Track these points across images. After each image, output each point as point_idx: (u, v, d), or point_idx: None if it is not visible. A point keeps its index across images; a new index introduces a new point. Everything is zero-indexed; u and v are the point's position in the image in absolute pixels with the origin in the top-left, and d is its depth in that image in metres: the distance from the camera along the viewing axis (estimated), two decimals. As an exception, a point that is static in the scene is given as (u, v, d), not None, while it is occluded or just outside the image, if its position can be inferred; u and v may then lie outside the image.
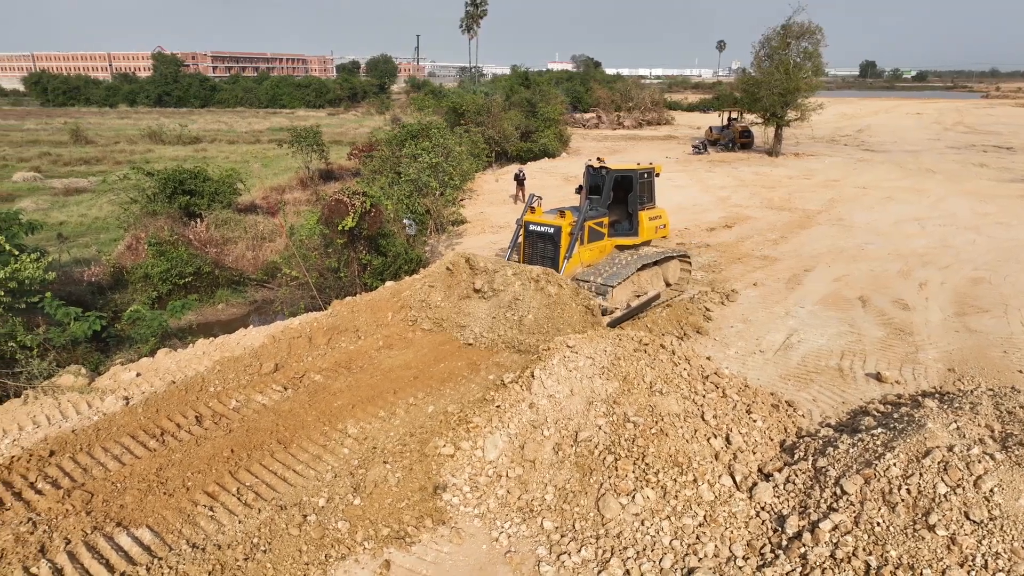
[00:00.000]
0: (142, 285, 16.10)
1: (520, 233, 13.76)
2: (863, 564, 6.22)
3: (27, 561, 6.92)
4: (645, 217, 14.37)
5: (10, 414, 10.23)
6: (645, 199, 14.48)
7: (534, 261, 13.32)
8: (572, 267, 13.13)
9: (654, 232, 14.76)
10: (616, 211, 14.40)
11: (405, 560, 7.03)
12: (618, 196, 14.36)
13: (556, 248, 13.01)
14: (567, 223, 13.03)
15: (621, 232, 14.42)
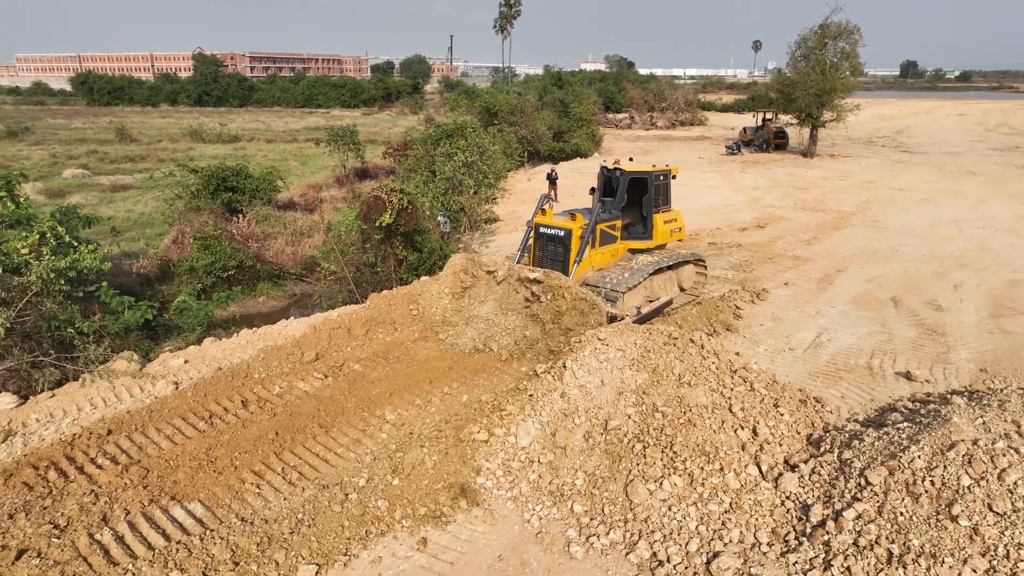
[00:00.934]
0: (187, 277, 16.74)
1: (530, 235, 13.58)
2: (885, 552, 6.39)
3: (91, 529, 7.42)
4: (660, 220, 14.15)
5: (69, 396, 10.83)
6: (660, 202, 14.23)
7: (544, 264, 13.10)
8: (582, 271, 12.97)
9: (669, 235, 14.53)
10: (630, 214, 14.20)
11: (441, 538, 7.38)
12: (632, 198, 14.11)
13: (566, 251, 12.79)
14: (578, 226, 12.82)
15: (635, 235, 14.22)
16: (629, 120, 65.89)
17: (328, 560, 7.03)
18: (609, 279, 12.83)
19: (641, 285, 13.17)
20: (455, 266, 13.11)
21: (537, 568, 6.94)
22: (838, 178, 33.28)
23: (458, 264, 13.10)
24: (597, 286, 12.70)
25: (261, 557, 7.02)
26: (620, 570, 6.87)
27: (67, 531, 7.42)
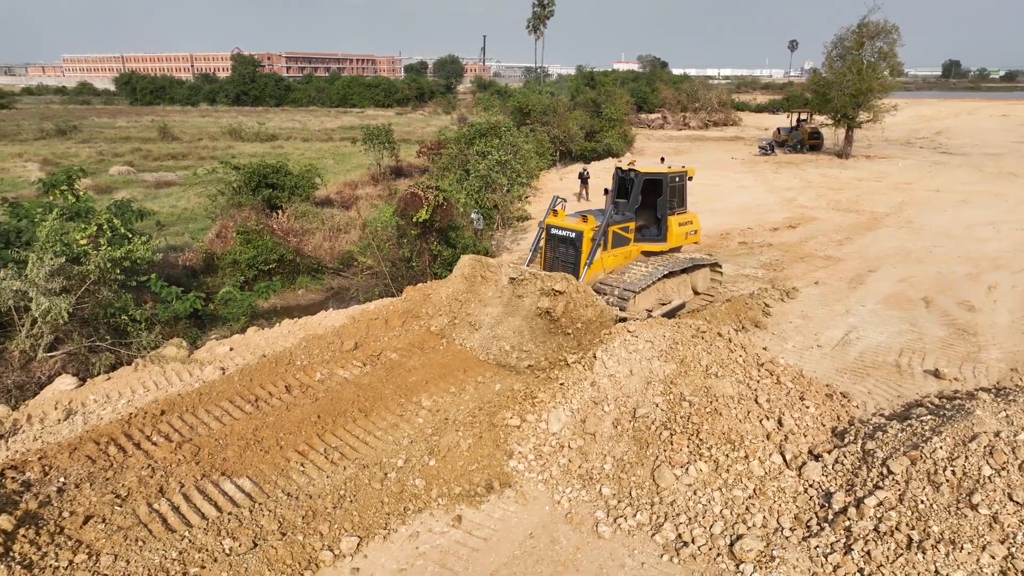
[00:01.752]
0: (231, 270, 17.38)
1: (542, 236, 13.48)
2: (905, 537, 6.59)
3: (150, 499, 7.95)
4: (674, 222, 14.00)
5: (124, 379, 11.44)
6: (675, 204, 14.07)
7: (555, 265, 13.03)
8: (593, 273, 12.88)
9: (684, 238, 14.34)
10: (644, 215, 14.04)
11: (474, 516, 7.76)
12: (647, 200, 13.93)
13: (577, 253, 12.68)
14: (589, 228, 12.71)
15: (649, 237, 14.07)
16: (662, 120, 65.71)
17: (369, 533, 7.46)
18: (620, 281, 12.74)
19: (653, 288, 13.10)
20: (463, 268, 12.99)
21: (566, 546, 7.27)
22: (873, 179, 32.95)
23: (466, 266, 12.97)
24: (608, 288, 12.66)
25: (306, 528, 7.47)
26: (646, 550, 7.18)
27: (128, 500, 7.96)
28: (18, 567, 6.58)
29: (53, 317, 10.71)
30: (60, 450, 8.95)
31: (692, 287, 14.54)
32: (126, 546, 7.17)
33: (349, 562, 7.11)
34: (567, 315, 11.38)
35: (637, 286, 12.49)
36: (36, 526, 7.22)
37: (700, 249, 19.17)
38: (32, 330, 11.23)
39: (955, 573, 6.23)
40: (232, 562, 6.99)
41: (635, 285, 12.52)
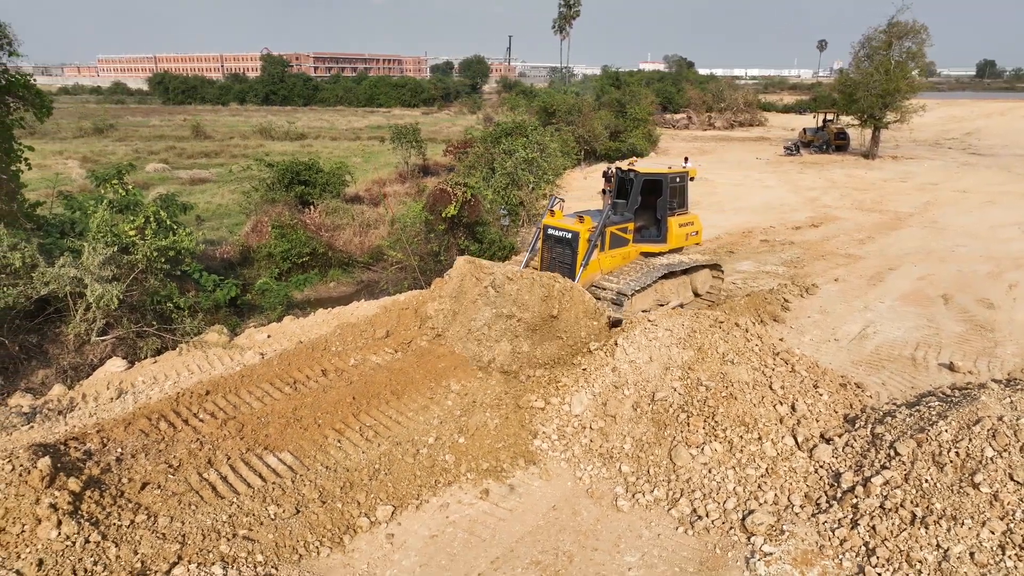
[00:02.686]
0: (266, 263, 18.09)
1: (539, 237, 13.37)
2: (909, 514, 6.97)
3: (200, 469, 8.57)
4: (675, 223, 13.85)
5: (169, 362, 12.13)
6: (676, 204, 13.93)
7: (552, 266, 12.94)
8: (589, 274, 12.79)
9: (684, 239, 14.20)
10: (644, 216, 13.95)
11: (501, 490, 8.26)
12: (647, 201, 13.78)
13: (573, 253, 12.58)
14: (585, 228, 12.58)
15: (648, 238, 13.94)
16: (687, 120, 65.73)
17: (402, 503, 8.00)
18: (616, 283, 12.66)
19: (651, 289, 13.02)
20: (458, 269, 12.73)
21: (587, 518, 7.74)
22: (899, 180, 32.89)
23: (464, 268, 12.68)
24: (604, 289, 12.58)
25: (344, 497, 8.03)
26: (662, 523, 7.62)
27: (180, 470, 8.58)
28: (87, 524, 7.21)
29: (106, 302, 11.41)
30: (116, 424, 9.62)
31: (692, 288, 14.49)
32: (180, 509, 7.79)
33: (384, 528, 7.66)
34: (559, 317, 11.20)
35: (632, 288, 12.41)
36: (100, 489, 7.86)
37: (721, 247, 19.55)
38: (86, 315, 11.95)
39: (955, 547, 6.60)
40: (277, 525, 7.58)
41: (630, 287, 12.44)
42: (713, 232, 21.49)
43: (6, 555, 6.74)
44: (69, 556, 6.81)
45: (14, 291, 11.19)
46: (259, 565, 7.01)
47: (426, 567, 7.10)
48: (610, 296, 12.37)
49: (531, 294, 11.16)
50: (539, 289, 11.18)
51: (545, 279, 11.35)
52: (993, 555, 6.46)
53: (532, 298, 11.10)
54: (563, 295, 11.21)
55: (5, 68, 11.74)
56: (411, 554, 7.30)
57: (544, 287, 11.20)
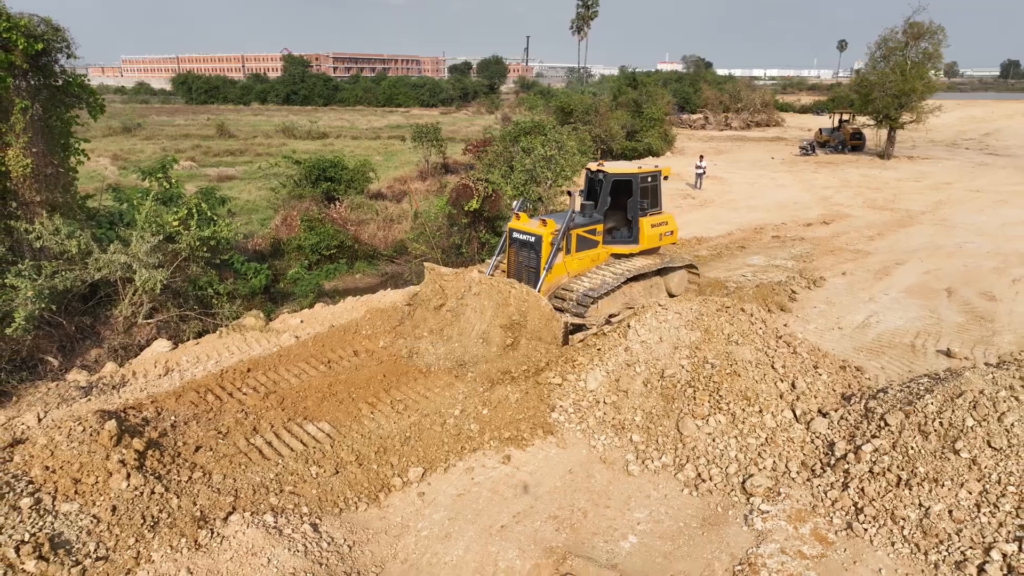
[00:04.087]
0: (296, 254, 18.96)
1: (506, 240, 13.16)
2: (895, 477, 7.63)
3: (247, 435, 9.41)
4: (647, 224, 13.55)
5: (210, 344, 13.02)
6: (647, 205, 13.61)
7: (519, 269, 12.82)
8: (555, 278, 12.58)
9: (658, 240, 13.89)
10: (615, 217, 13.75)
11: (521, 456, 9.01)
12: (619, 202, 13.60)
13: (538, 257, 12.37)
14: (548, 232, 12.31)
15: (619, 240, 13.66)
16: (703, 121, 66.07)
17: (432, 466, 8.77)
18: (580, 286, 12.43)
19: (620, 291, 12.76)
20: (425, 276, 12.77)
21: (600, 480, 8.48)
22: (913, 179, 33.21)
23: (427, 275, 12.76)
24: (567, 293, 12.38)
25: (379, 460, 8.83)
26: (669, 485, 8.34)
27: (228, 436, 9.43)
28: (151, 477, 8.05)
29: (151, 286, 12.30)
30: (167, 396, 10.50)
31: (667, 290, 14.14)
32: (232, 468, 8.62)
33: (415, 487, 8.44)
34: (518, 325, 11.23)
35: (596, 292, 12.19)
36: (159, 450, 8.71)
37: (733, 242, 20.16)
38: (134, 299, 12.85)
39: (936, 506, 7.26)
40: (320, 483, 8.38)
41: (594, 292, 12.21)
42: (725, 228, 22.13)
43: (84, 502, 7.59)
44: (138, 504, 7.65)
45: (71, 275, 12.11)
46: (304, 516, 7.80)
47: (454, 520, 7.86)
48: (574, 300, 12.16)
49: (489, 299, 11.37)
50: (496, 295, 11.34)
51: (502, 286, 11.45)
52: (969, 512, 7.12)
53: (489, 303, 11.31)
54: (522, 301, 11.18)
55: (63, 69, 12.66)
56: (440, 509, 8.06)
57: (501, 293, 11.30)
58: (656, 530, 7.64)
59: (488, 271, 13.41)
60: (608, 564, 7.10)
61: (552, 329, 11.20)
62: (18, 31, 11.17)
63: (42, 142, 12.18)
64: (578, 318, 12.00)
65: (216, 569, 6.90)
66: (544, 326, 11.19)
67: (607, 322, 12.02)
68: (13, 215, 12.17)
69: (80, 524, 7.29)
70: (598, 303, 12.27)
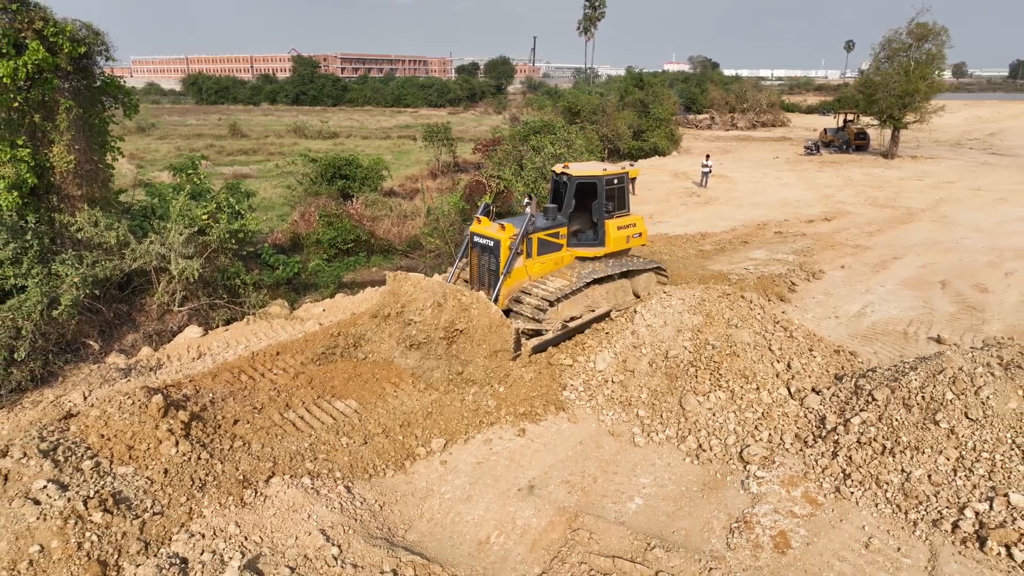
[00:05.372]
0: (314, 248, 19.71)
1: (468, 245, 13.08)
2: (880, 446, 8.30)
3: (280, 410, 10.15)
4: (612, 226, 13.35)
5: (239, 330, 13.77)
6: (613, 207, 13.41)
7: (481, 273, 12.73)
8: (515, 282, 12.46)
9: (625, 242, 13.72)
10: (581, 219, 13.68)
11: (535, 430, 9.72)
12: (584, 204, 13.48)
13: (498, 262, 12.27)
14: (507, 236, 12.18)
15: (585, 242, 13.48)
16: (710, 121, 66.64)
17: (452, 437, 9.50)
18: (539, 291, 12.26)
19: (582, 295, 12.67)
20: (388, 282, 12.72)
21: (608, 450, 9.18)
22: (915, 178, 33.75)
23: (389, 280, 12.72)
24: (526, 297, 12.25)
25: (404, 432, 9.56)
26: (672, 455, 9.04)
27: (263, 411, 10.18)
28: (197, 445, 8.80)
29: (187, 274, 13.05)
30: (204, 376, 11.26)
31: (634, 292, 14.05)
32: (269, 438, 9.37)
33: (438, 456, 9.17)
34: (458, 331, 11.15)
35: (552, 297, 12.04)
36: (202, 422, 9.46)
37: (736, 238, 20.81)
38: (168, 287, 13.61)
39: (916, 471, 7.93)
40: (350, 452, 9.12)
41: (551, 296, 12.05)
42: (729, 224, 22.79)
43: (138, 466, 8.35)
44: (186, 468, 8.40)
45: (109, 264, 12.87)
46: (338, 480, 8.54)
47: (475, 484, 8.58)
48: (532, 304, 12.05)
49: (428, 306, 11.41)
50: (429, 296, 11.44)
51: (435, 287, 11.59)
52: (947, 476, 7.79)
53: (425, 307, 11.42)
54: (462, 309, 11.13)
55: (102, 71, 13.43)
56: (461, 475, 8.78)
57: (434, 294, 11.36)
58: (660, 493, 8.34)
59: (449, 276, 13.49)
60: (617, 521, 7.80)
61: (501, 335, 11.01)
62: (64, 36, 11.94)
63: (83, 140, 12.95)
64: (535, 322, 11.89)
65: (262, 523, 7.63)
66: (493, 333, 11.02)
67: (564, 326, 12.13)
68: (56, 208, 12.93)
69: (136, 484, 8.04)
70: (557, 306, 12.15)
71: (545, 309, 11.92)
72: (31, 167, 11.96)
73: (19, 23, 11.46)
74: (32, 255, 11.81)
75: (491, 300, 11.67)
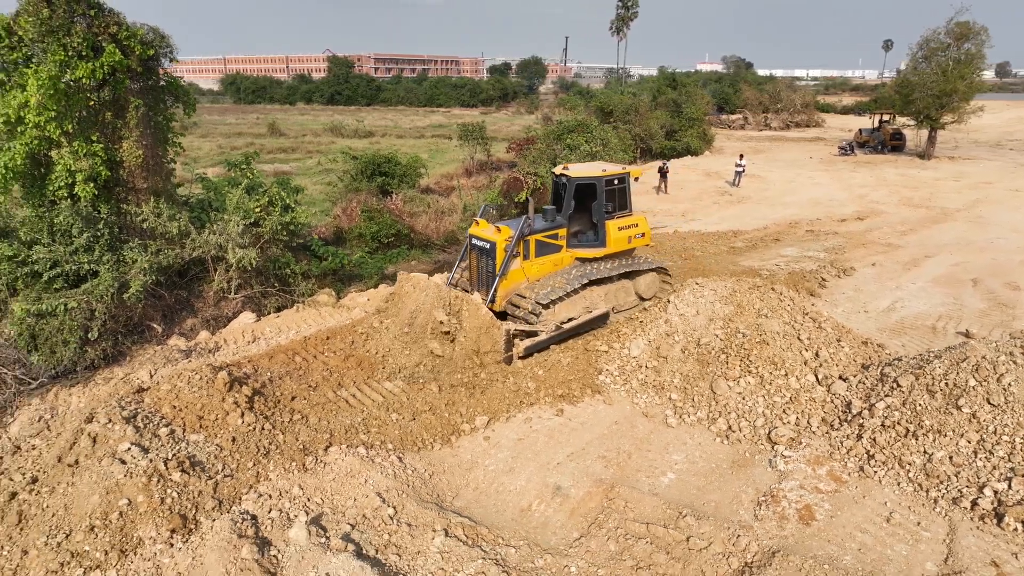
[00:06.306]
0: (357, 241, 20.51)
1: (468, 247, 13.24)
2: (904, 429, 8.71)
3: (334, 388, 10.88)
4: (613, 227, 13.30)
5: (289, 317, 14.56)
6: (613, 207, 13.36)
7: (480, 275, 12.88)
8: (512, 284, 12.56)
9: (626, 242, 13.65)
10: (581, 220, 13.69)
11: (572, 411, 10.29)
12: (585, 205, 13.49)
13: (495, 264, 12.39)
14: (502, 238, 12.26)
15: (586, 243, 13.47)
16: (743, 121, 66.43)
17: (495, 416, 10.11)
18: (534, 292, 12.31)
19: (579, 296, 12.75)
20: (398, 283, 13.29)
21: (642, 430, 9.71)
22: (952, 179, 33.52)
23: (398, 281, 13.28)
24: (521, 299, 12.34)
25: (450, 410, 10.21)
26: (703, 435, 9.54)
27: (318, 389, 10.92)
28: (260, 417, 9.55)
29: (245, 263, 13.85)
30: (261, 357, 12.04)
31: (636, 293, 14.02)
32: (325, 413, 10.09)
33: (482, 432, 9.79)
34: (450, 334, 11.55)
35: (546, 298, 12.11)
36: (263, 397, 10.21)
37: (768, 235, 21.12)
38: (226, 275, 14.44)
39: (938, 453, 8.33)
40: (400, 426, 9.79)
41: (543, 299, 12.09)
42: (761, 223, 23.07)
43: (208, 434, 9.10)
44: (251, 437, 9.15)
45: (172, 253, 13.74)
46: (390, 451, 9.20)
47: (516, 458, 9.18)
48: (527, 307, 12.17)
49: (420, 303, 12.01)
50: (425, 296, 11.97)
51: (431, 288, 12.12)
52: (967, 458, 8.18)
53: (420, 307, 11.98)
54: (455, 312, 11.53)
55: (166, 71, 14.33)
56: (504, 450, 9.39)
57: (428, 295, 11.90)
58: (691, 469, 8.85)
59: (449, 278, 13.77)
60: (650, 493, 8.33)
61: (491, 336, 11.37)
62: (135, 39, 12.82)
63: (149, 136, 13.84)
64: (529, 324, 12.05)
65: (322, 487, 8.33)
66: (484, 334, 11.41)
67: (558, 328, 12.25)
68: (123, 200, 13.84)
69: (207, 450, 8.79)
70: (553, 308, 12.28)
71: (539, 313, 12.04)
72: (104, 161, 12.84)
73: (97, 27, 12.35)
74: (103, 243, 12.71)
75: (488, 301, 12.04)
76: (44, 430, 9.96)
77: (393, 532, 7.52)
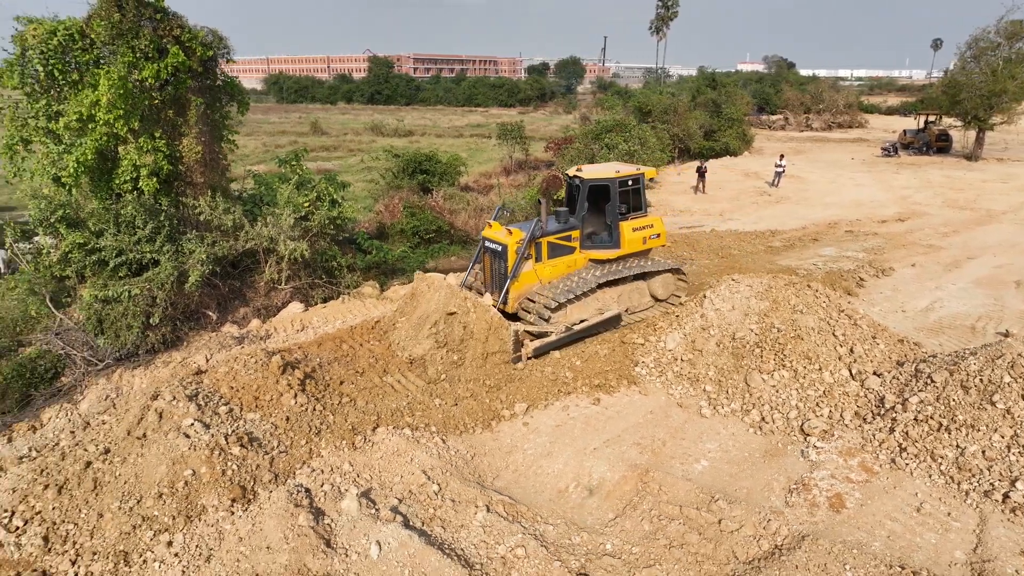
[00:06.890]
0: (399, 237, 21.10)
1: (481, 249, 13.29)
2: (937, 423, 8.85)
3: (379, 374, 11.38)
4: (627, 228, 13.25)
5: (335, 307, 15.14)
6: (627, 208, 13.34)
7: (493, 277, 12.96)
8: (523, 286, 12.64)
9: (641, 243, 13.60)
10: (596, 222, 13.66)
11: (608, 400, 10.62)
12: (599, 206, 13.45)
13: (507, 265, 12.45)
14: (513, 241, 12.31)
15: (600, 244, 13.46)
16: (784, 121, 65.67)
17: (534, 403, 10.50)
18: (546, 294, 12.40)
19: (592, 297, 12.77)
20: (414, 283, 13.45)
21: (676, 420, 10.00)
22: (999, 181, 32.84)
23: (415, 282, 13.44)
24: (532, 302, 12.45)
25: (490, 396, 10.64)
26: (737, 426, 9.79)
27: (365, 374, 11.43)
28: (312, 399, 10.09)
29: (297, 255, 14.47)
30: (310, 344, 12.62)
31: (651, 294, 13.92)
32: (372, 397, 10.60)
33: (521, 418, 10.19)
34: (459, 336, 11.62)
35: (556, 300, 12.17)
36: (314, 380, 10.76)
37: (806, 235, 21.11)
38: (277, 266, 15.10)
39: (971, 447, 8.46)
40: (443, 411, 10.24)
41: (552, 302, 12.15)
42: (800, 223, 23.03)
43: (264, 413, 9.67)
44: (304, 417, 9.69)
45: (226, 245, 14.42)
46: (434, 433, 9.66)
47: (554, 443, 9.55)
48: (538, 308, 12.27)
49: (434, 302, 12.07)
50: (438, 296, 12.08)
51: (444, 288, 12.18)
52: (1000, 452, 8.30)
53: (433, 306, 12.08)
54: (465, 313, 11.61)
55: (223, 71, 15.06)
56: (542, 435, 9.77)
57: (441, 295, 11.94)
58: (724, 457, 9.12)
59: (463, 280, 13.91)
60: (684, 478, 8.63)
61: (500, 337, 11.56)
62: (196, 41, 13.53)
63: (207, 133, 14.56)
64: (540, 324, 12.11)
65: (371, 464, 8.82)
66: (492, 334, 11.56)
67: (568, 329, 12.26)
68: (182, 193, 14.58)
69: (263, 428, 9.36)
70: (564, 309, 12.34)
71: (548, 318, 12.12)
72: (166, 156, 13.57)
73: (162, 30, 13.08)
74: (164, 234, 13.42)
75: (499, 303, 12.27)
76: (111, 407, 10.67)
77: (438, 507, 7.96)
